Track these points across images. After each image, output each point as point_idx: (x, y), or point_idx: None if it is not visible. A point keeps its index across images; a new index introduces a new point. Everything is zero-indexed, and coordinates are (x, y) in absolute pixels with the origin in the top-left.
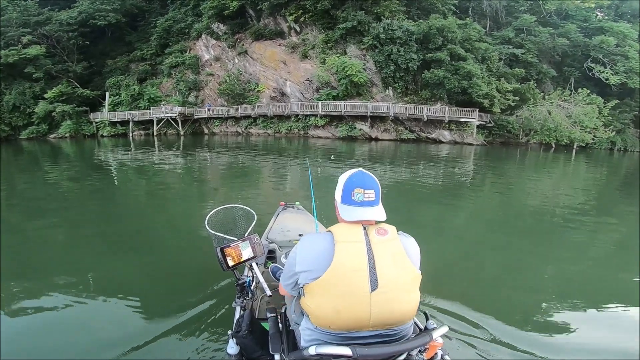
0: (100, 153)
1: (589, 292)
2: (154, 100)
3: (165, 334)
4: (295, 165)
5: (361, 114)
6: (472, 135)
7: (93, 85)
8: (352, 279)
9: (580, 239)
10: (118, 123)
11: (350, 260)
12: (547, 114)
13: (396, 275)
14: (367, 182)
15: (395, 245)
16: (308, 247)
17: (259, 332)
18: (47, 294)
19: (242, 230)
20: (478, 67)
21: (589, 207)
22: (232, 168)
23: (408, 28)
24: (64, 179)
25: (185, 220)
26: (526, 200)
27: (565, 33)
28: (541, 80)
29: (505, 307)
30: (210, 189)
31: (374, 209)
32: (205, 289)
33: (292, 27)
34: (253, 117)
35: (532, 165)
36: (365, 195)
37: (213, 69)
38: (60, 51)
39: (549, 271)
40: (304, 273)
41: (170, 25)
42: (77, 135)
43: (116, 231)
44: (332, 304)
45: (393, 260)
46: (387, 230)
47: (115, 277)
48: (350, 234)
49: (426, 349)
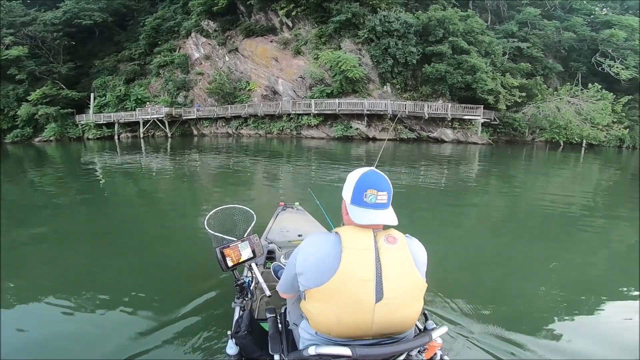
0: (83, 157)
1: (592, 294)
2: (142, 101)
3: (163, 334)
4: (288, 170)
5: (357, 112)
6: (477, 134)
7: (81, 86)
8: (357, 289)
9: (590, 241)
10: (104, 125)
11: (357, 269)
12: (556, 110)
13: (402, 286)
14: (381, 183)
15: (404, 255)
16: (312, 250)
17: (259, 333)
18: (41, 299)
19: (242, 231)
20: (482, 61)
21: (605, 208)
22: (221, 174)
23: (406, 20)
24: (48, 184)
25: (182, 221)
26: (538, 202)
27: (572, 26)
28: (547, 76)
29: (505, 307)
30: (200, 194)
31: (386, 212)
32: (204, 290)
33: (284, 22)
34: (243, 117)
35: (544, 166)
36: (379, 197)
37: (203, 67)
38: (45, 52)
39: (552, 272)
40: (306, 277)
41: (159, 24)
42: (62, 139)
43: (108, 233)
44: (334, 312)
45: (400, 270)
46: (396, 238)
47: (112, 279)
48: (359, 239)
49: (425, 349)
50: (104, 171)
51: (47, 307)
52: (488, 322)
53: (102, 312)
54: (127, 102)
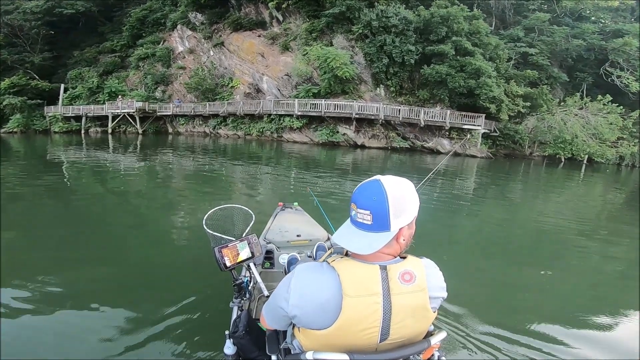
0: (39, 152)
1: (590, 297)
2: (117, 94)
3: (161, 334)
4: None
5: (345, 115)
6: (476, 146)
7: (57, 77)
8: (359, 335)
9: (588, 256)
10: (72, 118)
11: (360, 321)
12: (562, 123)
13: (412, 328)
14: (363, 197)
15: (421, 298)
16: (307, 292)
17: (256, 333)
18: (38, 301)
19: (240, 231)
20: (488, 64)
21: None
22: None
23: (406, 16)
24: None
25: (182, 222)
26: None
27: (581, 34)
28: (551, 86)
29: (502, 308)
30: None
31: (366, 235)
32: (202, 289)
33: (274, 16)
34: (222, 116)
35: (553, 184)
36: (359, 216)
37: (185, 62)
38: (22, 41)
39: (550, 280)
40: (299, 320)
41: (145, 15)
42: (27, 131)
43: (102, 232)
44: (332, 349)
45: (413, 314)
46: (413, 275)
47: (109, 279)
48: (364, 283)
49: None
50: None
51: (38, 308)
52: (485, 323)
53: (98, 312)
54: (99, 94)
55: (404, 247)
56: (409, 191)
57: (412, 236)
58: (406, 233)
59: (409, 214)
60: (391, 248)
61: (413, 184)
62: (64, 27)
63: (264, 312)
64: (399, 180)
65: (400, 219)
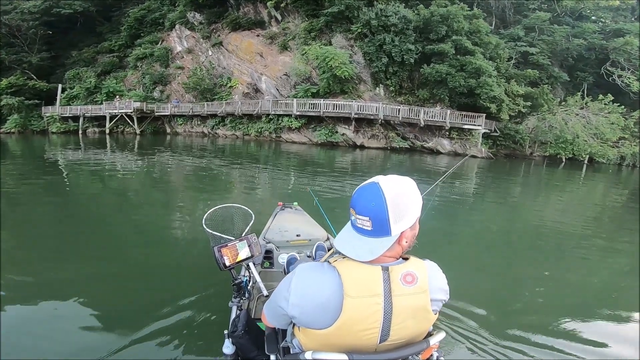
0: (37, 152)
1: (590, 297)
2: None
3: (160, 333)
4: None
5: (344, 115)
6: (477, 146)
7: (55, 77)
8: (359, 336)
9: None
10: (70, 119)
11: (361, 321)
12: (564, 123)
13: (412, 329)
14: (361, 202)
15: (422, 299)
16: (308, 292)
17: (255, 332)
18: (37, 301)
19: (240, 230)
20: (489, 64)
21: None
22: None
23: (405, 15)
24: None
25: (181, 220)
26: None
27: (581, 33)
28: (552, 85)
29: (501, 308)
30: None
31: (368, 241)
32: (201, 289)
33: (272, 15)
34: (220, 116)
35: (554, 185)
36: (359, 221)
37: (184, 61)
38: (20, 41)
39: (550, 280)
40: (299, 320)
41: (143, 15)
42: (25, 131)
43: (101, 232)
44: (331, 349)
45: (414, 315)
46: (416, 277)
47: (108, 278)
48: (365, 284)
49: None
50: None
51: (39, 309)
52: (485, 323)
53: (97, 311)
54: (97, 95)
55: (407, 249)
56: (409, 192)
57: (415, 237)
58: (408, 235)
59: (410, 216)
60: (393, 251)
61: (415, 182)
62: (62, 27)
63: (265, 310)
64: (399, 180)
65: (401, 222)
